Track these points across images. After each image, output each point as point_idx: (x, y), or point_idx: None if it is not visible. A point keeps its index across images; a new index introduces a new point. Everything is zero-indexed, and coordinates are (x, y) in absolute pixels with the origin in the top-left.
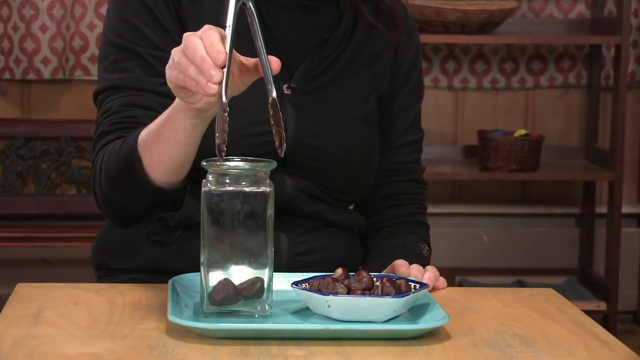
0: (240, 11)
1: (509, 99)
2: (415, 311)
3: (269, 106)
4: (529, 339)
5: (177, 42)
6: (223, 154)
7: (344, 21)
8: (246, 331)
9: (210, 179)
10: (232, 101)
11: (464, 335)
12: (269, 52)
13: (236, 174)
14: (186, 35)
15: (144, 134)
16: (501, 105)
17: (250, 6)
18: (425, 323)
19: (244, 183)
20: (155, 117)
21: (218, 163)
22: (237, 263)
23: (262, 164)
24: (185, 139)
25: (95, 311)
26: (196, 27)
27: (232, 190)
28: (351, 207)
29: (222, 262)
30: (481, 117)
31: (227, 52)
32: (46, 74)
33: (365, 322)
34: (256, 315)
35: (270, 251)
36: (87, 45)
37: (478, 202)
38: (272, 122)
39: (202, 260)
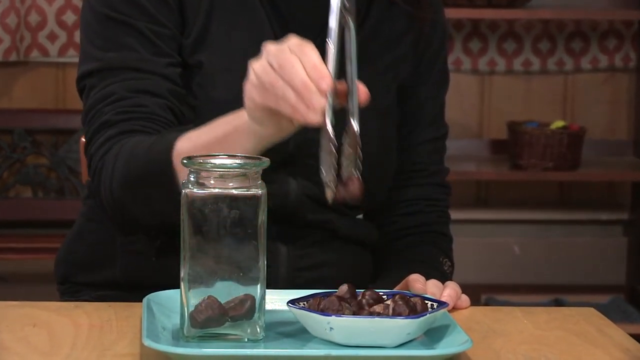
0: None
1: (544, 84)
2: (433, 334)
3: (346, 135)
4: None
5: (177, 14)
6: (332, 193)
7: None
8: (234, 358)
9: (191, 179)
10: (227, 91)
11: None
12: (275, 30)
13: (222, 173)
14: (274, 49)
15: (185, 146)
16: (535, 91)
17: (350, 23)
18: (444, 348)
19: (231, 184)
20: (166, 106)
21: (200, 160)
22: (223, 278)
23: (253, 161)
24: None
25: (58, 334)
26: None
27: (218, 192)
28: (360, 216)
29: (205, 277)
30: (511, 106)
31: (332, 73)
32: None
33: (374, 348)
34: (246, 340)
35: (262, 264)
36: (45, 21)
37: (508, 206)
38: (345, 156)
39: (182, 275)
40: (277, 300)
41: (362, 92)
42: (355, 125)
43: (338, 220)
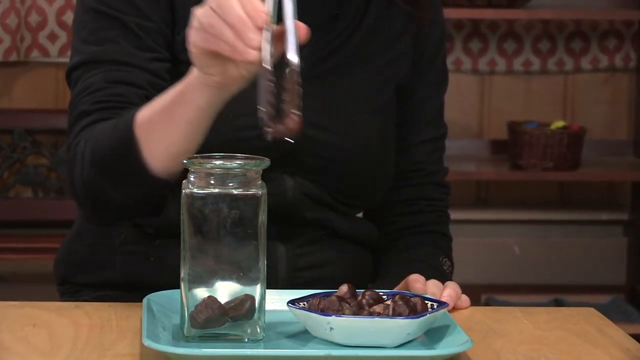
0: None
1: (544, 84)
2: (433, 334)
3: (286, 77)
4: None
5: (167, 10)
6: (270, 131)
7: None
8: (234, 358)
9: (191, 179)
10: None
11: None
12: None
13: (222, 173)
14: None
15: (145, 113)
16: (535, 91)
17: None
18: (444, 348)
19: (231, 184)
20: (147, 97)
21: (201, 161)
22: (223, 278)
23: (253, 161)
24: (198, 120)
25: (58, 334)
26: None
27: (218, 192)
28: (360, 215)
29: (205, 277)
30: (511, 106)
31: (270, 11)
32: None
33: (374, 348)
34: (246, 340)
35: (263, 264)
36: (45, 21)
37: (508, 206)
38: (285, 99)
39: (182, 275)
40: (277, 300)
41: (301, 27)
42: (294, 59)
43: (337, 219)
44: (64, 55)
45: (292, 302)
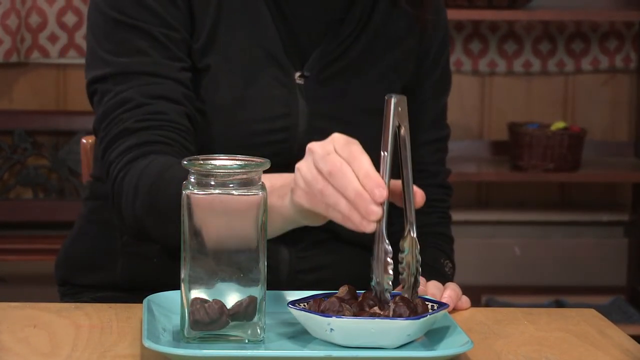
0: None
1: (544, 85)
2: (433, 335)
3: (404, 243)
4: None
5: (187, 17)
6: (388, 305)
7: None
8: (234, 359)
9: (192, 180)
10: (234, 94)
11: None
12: (280, 31)
13: (223, 174)
14: (320, 151)
15: None
16: (536, 93)
17: (403, 128)
18: (444, 349)
19: (231, 185)
20: (183, 112)
21: (201, 162)
22: (223, 279)
23: (253, 163)
24: (279, 224)
25: (58, 335)
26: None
27: (219, 193)
28: None
29: (206, 279)
30: (512, 107)
31: (386, 181)
32: None
33: (374, 349)
34: (246, 341)
35: (263, 265)
36: (45, 22)
37: (508, 207)
38: (403, 266)
39: (182, 276)
40: (277, 301)
41: (418, 195)
42: (413, 232)
43: None
44: (64, 57)
45: (293, 303)
